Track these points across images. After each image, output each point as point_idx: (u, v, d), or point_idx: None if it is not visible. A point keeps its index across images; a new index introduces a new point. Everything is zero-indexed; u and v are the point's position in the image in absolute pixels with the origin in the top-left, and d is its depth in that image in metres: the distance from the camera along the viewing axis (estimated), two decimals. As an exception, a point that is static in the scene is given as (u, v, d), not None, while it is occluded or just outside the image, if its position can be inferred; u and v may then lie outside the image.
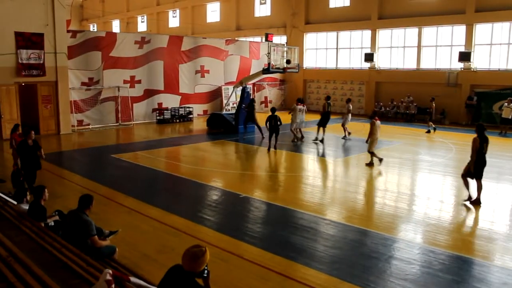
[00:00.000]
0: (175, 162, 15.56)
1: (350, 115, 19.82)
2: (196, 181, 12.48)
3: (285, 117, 19.32)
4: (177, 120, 24.90)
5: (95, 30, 50.04)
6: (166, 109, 24.99)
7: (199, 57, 26.91)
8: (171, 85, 25.71)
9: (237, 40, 30.47)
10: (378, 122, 14.47)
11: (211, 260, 4.10)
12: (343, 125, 19.51)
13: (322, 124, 18.69)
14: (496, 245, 8.13)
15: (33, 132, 10.60)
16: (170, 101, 25.66)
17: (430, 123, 21.81)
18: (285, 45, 27.59)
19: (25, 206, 7.17)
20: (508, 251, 7.85)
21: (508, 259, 7.47)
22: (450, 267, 7.08)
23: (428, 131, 21.51)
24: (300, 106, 18.54)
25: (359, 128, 23.02)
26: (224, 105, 26.95)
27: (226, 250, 7.61)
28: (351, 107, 19.99)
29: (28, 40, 18.81)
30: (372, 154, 14.41)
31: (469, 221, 9.58)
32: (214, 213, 9.80)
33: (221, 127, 21.66)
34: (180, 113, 25.26)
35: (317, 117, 19.79)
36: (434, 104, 21.90)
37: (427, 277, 6.72)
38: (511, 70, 23.97)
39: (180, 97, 26.22)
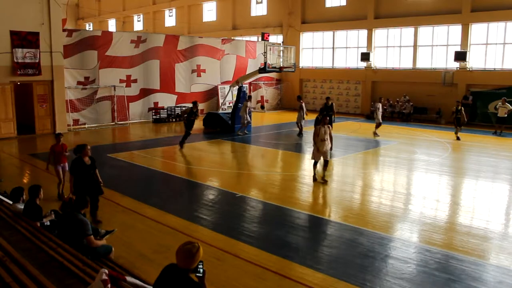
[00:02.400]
0: (171, 161, 15.53)
1: (302, 111, 20.20)
2: (192, 180, 12.47)
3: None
4: (173, 120, 24.87)
5: (91, 29, 49.93)
6: (162, 108, 24.96)
7: (195, 56, 26.89)
8: (167, 85, 25.68)
9: (233, 40, 30.45)
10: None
11: (207, 259, 4.10)
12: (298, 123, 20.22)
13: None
14: (492, 244, 8.15)
15: (89, 148, 8.56)
16: (166, 100, 25.63)
17: (458, 128, 19.71)
18: (281, 45, 27.59)
19: (21, 206, 7.14)
20: (503, 249, 7.88)
21: (503, 258, 7.50)
22: (446, 266, 7.10)
23: (458, 138, 19.28)
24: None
25: (355, 128, 23.07)
26: (220, 105, 26.94)
27: (222, 249, 7.60)
28: (303, 104, 20.52)
29: (24, 39, 18.74)
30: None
31: (465, 220, 9.60)
32: (210, 213, 9.79)
33: (218, 126, 21.65)
34: (176, 112, 25.23)
35: (312, 117, 19.79)
36: (461, 107, 20.01)
37: (423, 276, 6.74)
38: (506, 69, 24.06)
39: (176, 96, 26.19)
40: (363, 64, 29.40)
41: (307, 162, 15.88)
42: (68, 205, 7.30)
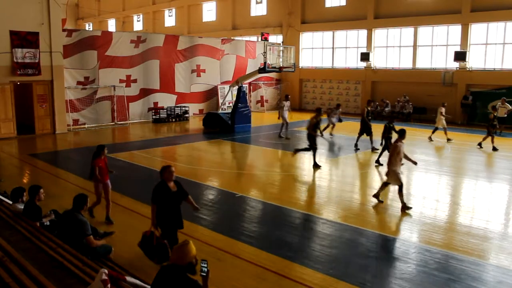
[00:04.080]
0: (171, 161, 15.52)
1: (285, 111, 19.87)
2: (192, 180, 12.46)
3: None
4: (173, 120, 24.86)
5: (91, 29, 49.91)
6: (162, 108, 24.96)
7: (195, 56, 26.88)
8: (167, 84, 25.67)
9: (233, 40, 30.45)
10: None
11: (207, 259, 4.10)
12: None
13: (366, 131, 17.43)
14: (491, 244, 8.15)
15: (173, 169, 6.72)
16: (166, 100, 25.62)
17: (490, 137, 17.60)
18: (281, 45, 27.58)
19: (21, 206, 7.14)
20: (503, 249, 7.88)
21: (503, 258, 7.50)
22: (446, 266, 7.10)
23: (495, 149, 17.17)
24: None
25: (355, 128, 23.04)
26: (220, 105, 26.93)
27: (222, 249, 7.60)
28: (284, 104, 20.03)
29: (23, 39, 18.74)
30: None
31: (465, 220, 9.60)
32: (210, 213, 9.79)
33: (217, 126, 21.64)
34: (176, 112, 25.23)
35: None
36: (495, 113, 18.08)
37: (423, 276, 6.74)
38: (506, 69, 24.05)
39: (176, 96, 26.18)
40: (363, 64, 29.38)
41: (306, 162, 15.87)
42: (150, 240, 6.30)
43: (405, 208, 9.78)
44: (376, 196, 10.46)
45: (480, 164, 14.94)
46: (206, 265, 3.97)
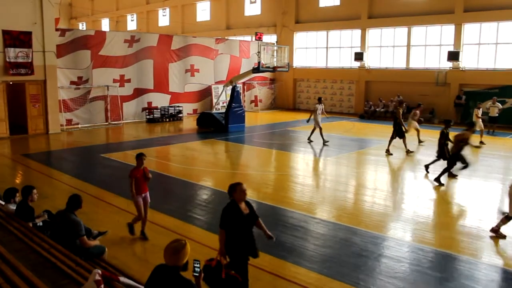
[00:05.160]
0: (165, 161, 15.50)
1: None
2: (186, 180, 12.45)
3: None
4: (167, 119, 24.82)
5: (84, 28, 49.72)
6: (156, 108, 24.91)
7: (189, 56, 26.85)
8: (161, 84, 25.62)
9: (227, 39, 30.43)
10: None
11: (201, 260, 4.10)
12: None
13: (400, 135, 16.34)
14: (484, 242, 8.20)
15: (244, 188, 5.76)
16: (160, 100, 25.57)
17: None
18: (275, 44, 27.59)
19: (13, 207, 7.10)
20: (495, 248, 7.93)
21: (495, 257, 7.56)
22: (439, 265, 7.14)
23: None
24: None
25: (349, 127, 23.12)
26: (214, 104, 26.92)
27: (216, 249, 7.58)
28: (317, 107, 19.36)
29: (16, 39, 18.63)
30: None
31: (458, 219, 9.65)
32: (204, 213, 9.78)
33: (211, 126, 21.62)
34: (170, 112, 25.19)
35: (305, 116, 19.76)
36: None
37: (416, 275, 6.77)
38: (498, 69, 24.21)
39: (170, 96, 26.14)
40: (356, 64, 29.46)
41: (301, 161, 15.91)
42: (217, 271, 5.27)
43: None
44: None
45: (472, 163, 14.98)
46: (198, 265, 3.97)
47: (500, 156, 16.33)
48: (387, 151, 16.17)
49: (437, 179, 12.20)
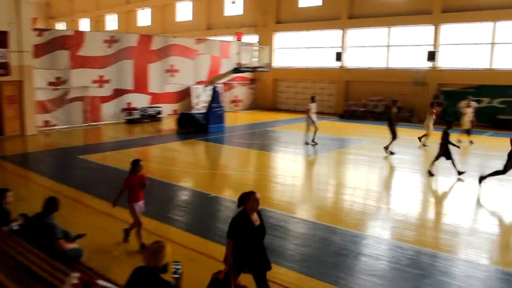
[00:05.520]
0: (144, 162, 15.26)
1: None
2: (165, 181, 12.36)
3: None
4: (147, 120, 24.61)
5: (63, 28, 49.03)
6: (135, 109, 24.68)
7: (169, 56, 26.68)
8: (141, 85, 25.40)
9: (208, 39, 30.33)
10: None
11: (181, 261, 4.08)
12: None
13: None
14: (461, 239, 8.36)
15: (258, 196, 5.43)
16: (140, 100, 25.34)
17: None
18: (256, 44, 27.63)
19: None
20: (471, 244, 8.09)
21: (471, 253, 7.70)
22: (417, 262, 7.23)
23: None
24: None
25: (329, 127, 23.27)
26: (194, 105, 26.79)
27: (195, 250, 7.57)
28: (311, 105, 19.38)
29: (-9, 39, 18.27)
30: None
31: (435, 217, 9.80)
32: (183, 213, 9.74)
33: (191, 126, 21.51)
34: (149, 113, 24.98)
35: (286, 116, 19.83)
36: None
37: (395, 273, 6.85)
38: (475, 69, 24.71)
39: (150, 96, 25.93)
40: (337, 64, 29.68)
41: (281, 161, 15.96)
42: (225, 284, 5.11)
43: None
44: None
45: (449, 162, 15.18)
46: (179, 267, 3.95)
47: (476, 154, 16.61)
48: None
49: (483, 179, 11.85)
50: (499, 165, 11.63)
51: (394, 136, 16.10)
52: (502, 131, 21.71)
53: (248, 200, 5.29)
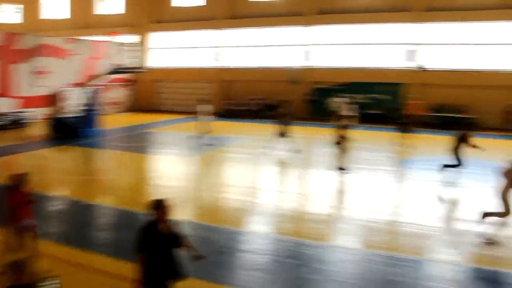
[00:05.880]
0: (9, 172, 14.01)
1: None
2: (36, 192, 11.39)
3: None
4: (12, 126, 22.47)
5: None
6: (0, 114, 22.44)
7: (38, 56, 24.70)
8: (5, 88, 23.18)
9: (80, 39, 28.67)
10: None
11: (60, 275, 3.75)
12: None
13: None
14: (333, 227, 8.98)
15: (169, 202, 5.13)
16: (4, 105, 23.11)
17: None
18: (132, 44, 26.70)
19: None
20: (342, 231, 8.73)
21: (341, 238, 8.31)
22: (296, 252, 7.53)
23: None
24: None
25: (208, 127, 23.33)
26: (66, 108, 25.14)
27: (67, 261, 7.05)
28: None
29: None
30: None
31: (309, 208, 10.31)
32: (54, 224, 9.04)
33: (64, 131, 20.08)
34: (16, 118, 22.88)
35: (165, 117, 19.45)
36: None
37: (276, 265, 7.06)
38: (345, 68, 26.77)
39: (17, 100, 23.78)
40: (216, 64, 29.99)
41: (159, 163, 15.63)
42: None
43: None
44: None
45: (322, 156, 15.93)
46: (57, 282, 3.66)
47: (366, 148, 17.32)
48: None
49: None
50: (369, 157, 12.51)
51: (282, 135, 16.42)
52: (371, 125, 23.25)
53: (159, 208, 4.97)
